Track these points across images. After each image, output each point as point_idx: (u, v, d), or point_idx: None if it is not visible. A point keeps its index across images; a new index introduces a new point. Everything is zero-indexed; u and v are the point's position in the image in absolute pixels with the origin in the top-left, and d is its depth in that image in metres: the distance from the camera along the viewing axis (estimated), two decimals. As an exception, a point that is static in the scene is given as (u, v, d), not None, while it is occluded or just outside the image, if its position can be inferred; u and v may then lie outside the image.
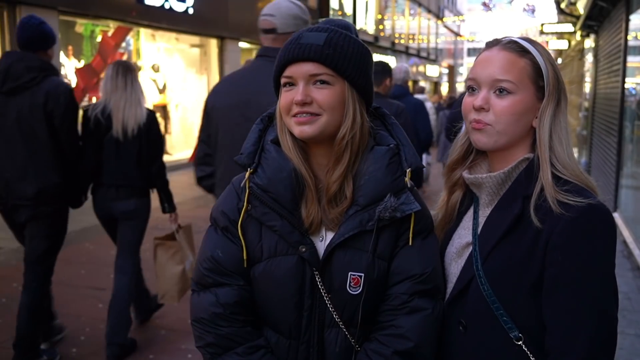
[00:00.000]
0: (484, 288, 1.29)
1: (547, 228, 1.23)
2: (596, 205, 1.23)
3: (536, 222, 1.24)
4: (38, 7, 8.51)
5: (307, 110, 1.29)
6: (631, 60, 8.11)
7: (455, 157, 1.46)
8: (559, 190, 1.24)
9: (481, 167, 1.44)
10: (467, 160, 1.45)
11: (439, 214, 1.50)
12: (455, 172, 1.47)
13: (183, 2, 11.59)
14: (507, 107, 1.30)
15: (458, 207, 1.48)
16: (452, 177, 1.47)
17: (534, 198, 1.26)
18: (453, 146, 1.48)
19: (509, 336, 1.27)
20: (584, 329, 1.19)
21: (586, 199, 1.22)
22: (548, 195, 1.24)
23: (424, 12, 31.81)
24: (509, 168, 1.33)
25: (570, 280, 1.21)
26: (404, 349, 1.32)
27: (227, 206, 1.40)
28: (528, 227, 1.26)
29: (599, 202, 1.24)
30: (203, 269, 1.39)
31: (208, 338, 1.36)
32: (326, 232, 1.36)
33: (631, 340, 4.21)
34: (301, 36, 1.32)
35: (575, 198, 1.22)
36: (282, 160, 1.34)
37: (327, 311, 1.34)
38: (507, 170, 1.33)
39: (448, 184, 1.49)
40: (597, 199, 1.25)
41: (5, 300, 4.82)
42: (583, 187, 1.28)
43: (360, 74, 1.33)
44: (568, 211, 1.22)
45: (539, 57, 1.32)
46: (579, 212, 1.21)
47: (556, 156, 1.29)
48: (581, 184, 1.28)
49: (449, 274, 1.42)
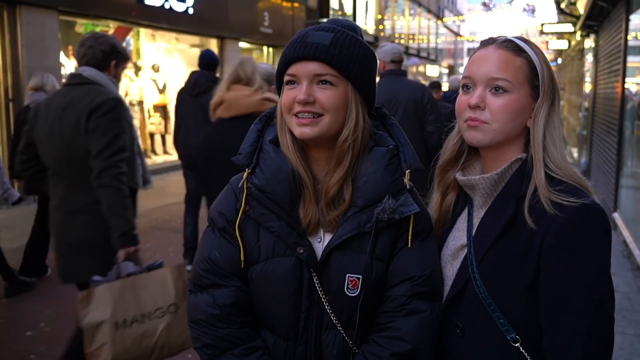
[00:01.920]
0: (480, 290, 1.29)
1: (541, 229, 1.23)
2: (590, 205, 1.22)
3: (530, 224, 1.23)
4: (38, 7, 8.50)
5: (309, 109, 1.28)
6: (631, 60, 8.10)
7: (447, 158, 1.45)
8: (552, 190, 1.24)
9: (474, 167, 1.43)
10: (459, 161, 1.44)
11: (432, 216, 1.49)
12: (448, 174, 1.45)
13: (183, 2, 11.59)
14: (503, 106, 1.29)
15: (452, 209, 1.47)
16: (445, 178, 1.46)
17: (528, 199, 1.26)
18: (444, 146, 1.46)
19: (506, 338, 1.27)
20: (580, 330, 1.19)
21: (580, 198, 1.22)
22: (541, 196, 1.24)
23: (424, 12, 31.80)
24: (502, 169, 1.33)
25: (566, 281, 1.21)
26: (401, 351, 1.31)
27: (225, 207, 1.39)
28: (522, 228, 1.26)
29: (593, 202, 1.24)
30: (200, 270, 1.39)
31: (205, 339, 1.36)
32: (324, 233, 1.35)
33: (631, 340, 4.20)
34: (307, 35, 1.31)
35: (569, 198, 1.22)
36: (280, 161, 1.33)
37: (325, 313, 1.34)
38: (500, 172, 1.33)
39: (440, 186, 1.48)
40: (592, 198, 1.25)
41: (5, 300, 4.82)
42: (577, 186, 1.27)
43: (364, 76, 1.32)
44: (562, 211, 1.21)
45: (535, 56, 1.32)
46: (573, 213, 1.21)
47: (549, 156, 1.28)
48: (575, 183, 1.28)
49: (445, 276, 1.41)
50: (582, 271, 1.20)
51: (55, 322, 4.36)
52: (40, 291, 5.06)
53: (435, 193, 1.50)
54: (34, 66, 8.49)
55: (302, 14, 16.87)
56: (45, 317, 4.42)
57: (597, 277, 1.21)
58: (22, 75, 8.35)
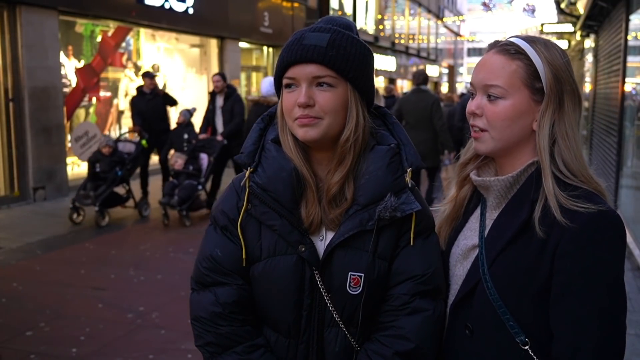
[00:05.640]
0: (490, 292, 1.28)
1: (555, 234, 1.21)
2: (606, 212, 1.20)
3: (539, 233, 1.22)
4: (38, 7, 8.50)
5: (309, 113, 1.28)
6: (631, 60, 8.11)
7: (468, 157, 1.44)
8: (567, 197, 1.21)
9: (490, 168, 1.41)
10: (478, 159, 1.43)
11: (447, 208, 1.48)
12: (466, 168, 1.44)
13: (183, 2, 11.59)
14: (498, 113, 1.28)
15: (466, 205, 1.46)
16: (463, 172, 1.45)
17: (540, 206, 1.23)
18: (467, 147, 1.45)
19: (515, 341, 1.25)
20: (590, 337, 1.18)
21: (596, 205, 1.20)
22: (551, 204, 1.21)
23: (424, 12, 31.80)
24: (516, 172, 1.31)
25: (578, 287, 1.19)
26: (404, 350, 1.31)
27: (227, 205, 1.39)
28: (535, 232, 1.24)
29: (609, 209, 1.21)
30: (202, 268, 1.39)
31: (207, 337, 1.36)
32: (326, 231, 1.35)
33: (631, 340, 4.20)
34: (304, 37, 1.31)
35: (584, 204, 1.20)
36: (282, 160, 1.33)
37: (327, 311, 1.34)
38: (515, 175, 1.31)
39: (459, 180, 1.47)
40: (608, 205, 1.22)
41: (5, 300, 4.82)
42: (593, 192, 1.25)
43: (362, 75, 1.32)
44: (578, 218, 1.19)
45: (536, 57, 1.27)
46: (589, 219, 1.19)
47: (563, 161, 1.25)
48: (591, 188, 1.25)
49: (454, 275, 1.40)
50: (596, 279, 1.19)
51: (55, 322, 4.36)
52: (40, 291, 5.06)
53: (454, 186, 1.49)
54: (34, 66, 8.50)
55: (302, 14, 16.87)
56: (45, 317, 4.42)
57: (610, 285, 1.20)
58: (22, 75, 8.36)
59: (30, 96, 8.46)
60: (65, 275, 5.55)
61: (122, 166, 7.53)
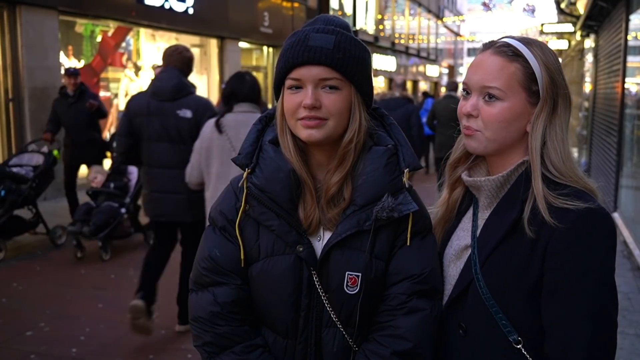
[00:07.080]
0: (483, 292, 1.28)
1: (546, 232, 1.22)
2: (596, 210, 1.21)
3: (529, 233, 1.23)
4: (38, 7, 8.51)
5: (315, 114, 1.28)
6: (631, 60, 8.11)
7: (457, 156, 1.45)
8: (556, 195, 1.22)
9: (481, 168, 1.42)
10: (468, 160, 1.44)
11: (439, 211, 1.49)
12: (457, 170, 1.45)
13: (183, 2, 11.60)
14: (495, 114, 1.28)
15: (458, 206, 1.47)
16: (454, 175, 1.46)
17: (529, 206, 1.24)
18: (455, 145, 1.46)
19: (508, 340, 1.26)
20: (582, 334, 1.18)
21: (586, 202, 1.21)
22: (539, 204, 1.22)
23: (424, 12, 31.80)
24: (507, 172, 1.32)
25: (569, 285, 1.20)
26: (402, 350, 1.32)
27: (226, 206, 1.40)
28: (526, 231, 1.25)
29: (598, 206, 1.22)
30: (201, 269, 1.39)
31: (206, 337, 1.36)
32: (324, 231, 1.35)
33: (631, 340, 4.20)
34: (308, 38, 1.30)
35: (574, 202, 1.21)
36: (280, 161, 1.33)
37: (325, 311, 1.34)
38: (505, 174, 1.32)
39: (450, 182, 1.47)
40: (597, 202, 1.23)
41: (5, 300, 4.83)
42: (582, 190, 1.26)
43: (365, 77, 1.33)
44: (567, 215, 1.20)
45: (533, 60, 1.28)
46: (578, 217, 1.20)
47: (551, 163, 1.27)
48: (580, 187, 1.26)
49: (447, 275, 1.41)
50: (586, 276, 1.20)
51: (55, 322, 4.37)
52: (40, 291, 5.07)
53: (445, 189, 1.49)
54: (34, 66, 8.51)
55: (302, 14, 16.88)
56: (45, 317, 4.43)
57: (601, 282, 1.21)
58: (22, 75, 8.37)
59: (30, 96, 8.47)
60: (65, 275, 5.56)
61: (17, 184, 6.05)
